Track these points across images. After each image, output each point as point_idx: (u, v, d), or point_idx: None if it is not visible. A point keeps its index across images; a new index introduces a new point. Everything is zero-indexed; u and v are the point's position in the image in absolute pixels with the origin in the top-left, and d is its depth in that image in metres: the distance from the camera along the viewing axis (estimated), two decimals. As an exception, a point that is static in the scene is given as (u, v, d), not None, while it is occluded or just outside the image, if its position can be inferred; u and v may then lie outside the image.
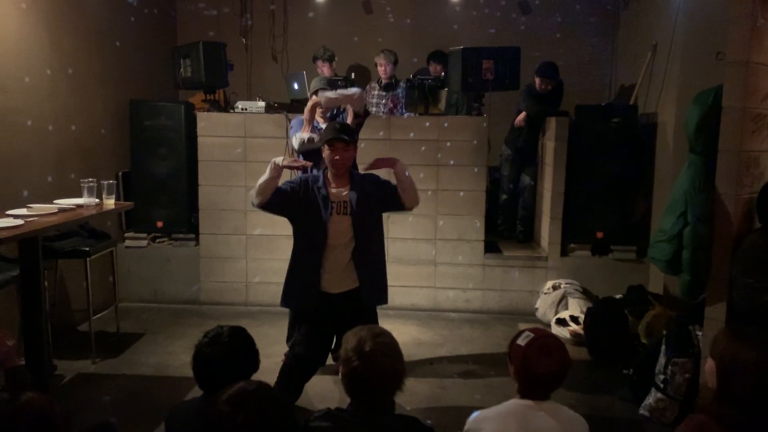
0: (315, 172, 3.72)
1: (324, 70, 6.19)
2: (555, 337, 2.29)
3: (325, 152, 3.45)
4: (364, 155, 4.05)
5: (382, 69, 6.04)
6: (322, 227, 3.44)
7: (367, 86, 6.23)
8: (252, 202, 3.49)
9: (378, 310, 4.16)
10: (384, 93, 6.05)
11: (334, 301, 3.52)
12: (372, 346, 2.02)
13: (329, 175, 3.51)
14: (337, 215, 3.45)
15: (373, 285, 3.59)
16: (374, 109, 6.00)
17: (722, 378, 2.03)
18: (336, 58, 6.38)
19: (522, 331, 2.27)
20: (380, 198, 3.54)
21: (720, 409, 1.99)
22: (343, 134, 3.40)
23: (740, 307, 3.04)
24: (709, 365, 2.10)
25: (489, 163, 5.64)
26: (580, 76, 6.63)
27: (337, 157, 3.41)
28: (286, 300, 3.67)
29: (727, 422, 1.95)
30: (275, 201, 3.45)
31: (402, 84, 5.99)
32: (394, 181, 3.53)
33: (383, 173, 3.63)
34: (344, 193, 3.47)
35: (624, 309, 4.62)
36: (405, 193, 3.49)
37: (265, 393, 1.89)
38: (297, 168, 3.58)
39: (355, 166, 3.68)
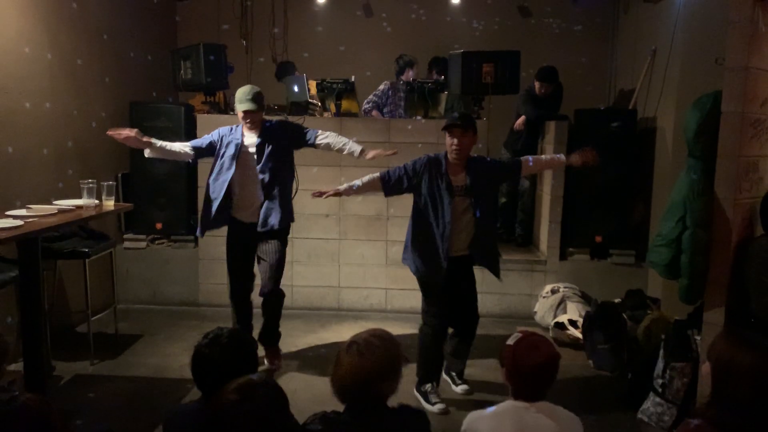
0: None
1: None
2: (543, 336, 2.32)
3: (446, 139, 3.79)
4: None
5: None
6: (445, 207, 3.75)
7: (387, 86, 5.99)
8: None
9: (376, 313, 4.20)
10: None
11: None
12: (365, 337, 2.07)
13: (449, 158, 3.79)
14: (458, 197, 3.77)
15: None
16: (401, 111, 5.94)
17: (718, 381, 2.03)
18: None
19: (512, 334, 2.29)
20: (495, 175, 3.97)
21: (715, 413, 1.99)
22: (459, 121, 3.73)
23: (764, 315, 3.02)
24: (705, 369, 2.10)
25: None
26: (580, 80, 6.64)
27: (455, 140, 3.72)
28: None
29: (723, 426, 1.95)
30: None
31: None
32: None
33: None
34: (463, 176, 3.80)
35: (623, 313, 4.62)
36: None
37: (273, 387, 1.91)
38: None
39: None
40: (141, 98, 5.77)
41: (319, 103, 5.64)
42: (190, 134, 5.53)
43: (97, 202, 3.96)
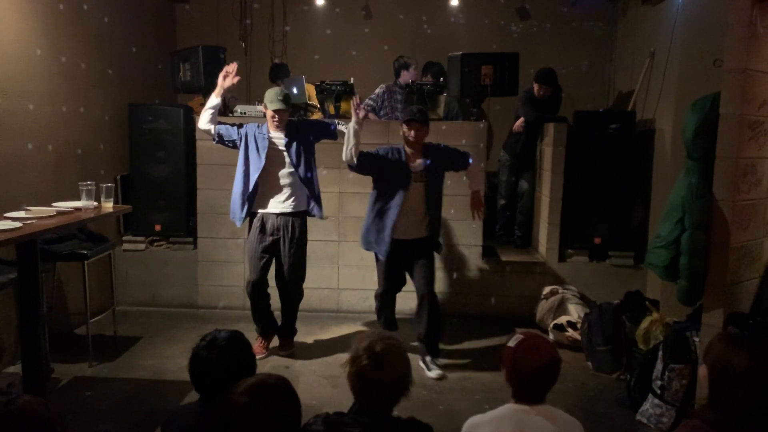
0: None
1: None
2: (544, 337, 2.33)
3: (403, 129, 4.19)
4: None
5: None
6: (401, 190, 4.18)
7: (383, 89, 5.96)
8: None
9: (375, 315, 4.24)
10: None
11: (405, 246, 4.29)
12: (383, 346, 2.07)
13: (406, 149, 4.21)
14: (415, 183, 4.20)
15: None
16: (399, 114, 5.93)
17: (714, 383, 2.03)
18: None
19: (513, 335, 2.28)
20: (448, 161, 4.35)
21: (712, 414, 2.00)
22: (418, 116, 4.16)
23: (762, 318, 3.02)
24: (702, 371, 2.11)
25: (487, 168, 5.65)
26: (579, 82, 6.65)
27: (412, 132, 4.15)
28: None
29: (721, 428, 1.95)
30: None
31: None
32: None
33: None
34: (420, 163, 4.20)
35: (621, 315, 4.62)
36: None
37: (285, 388, 1.90)
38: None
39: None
40: (140, 100, 5.77)
41: (318, 105, 5.64)
42: (189, 136, 5.54)
43: (96, 204, 3.95)
